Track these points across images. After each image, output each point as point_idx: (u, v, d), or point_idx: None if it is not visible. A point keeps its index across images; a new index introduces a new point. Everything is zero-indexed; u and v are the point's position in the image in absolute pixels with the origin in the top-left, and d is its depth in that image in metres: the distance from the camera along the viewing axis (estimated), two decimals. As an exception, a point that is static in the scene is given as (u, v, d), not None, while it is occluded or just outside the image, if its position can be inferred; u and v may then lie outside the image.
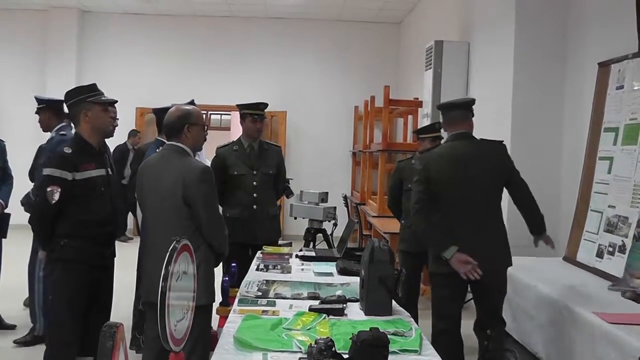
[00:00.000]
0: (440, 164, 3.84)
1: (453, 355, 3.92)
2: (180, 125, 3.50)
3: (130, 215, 4.81)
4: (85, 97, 3.75)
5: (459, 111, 3.96)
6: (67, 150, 3.68)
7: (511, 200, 4.04)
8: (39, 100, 5.55)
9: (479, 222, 3.80)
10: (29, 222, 3.76)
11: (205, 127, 3.66)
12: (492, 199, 3.90)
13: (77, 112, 3.75)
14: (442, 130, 5.25)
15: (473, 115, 4.00)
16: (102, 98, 3.81)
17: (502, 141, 3.99)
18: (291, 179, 6.40)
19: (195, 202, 3.37)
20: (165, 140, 4.37)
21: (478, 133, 4.19)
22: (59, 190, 3.59)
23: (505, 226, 3.97)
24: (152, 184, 3.49)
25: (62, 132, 5.37)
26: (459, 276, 3.73)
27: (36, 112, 5.49)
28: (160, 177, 3.44)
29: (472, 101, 4.02)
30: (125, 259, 4.57)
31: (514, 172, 3.93)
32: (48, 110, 5.44)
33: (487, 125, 4.66)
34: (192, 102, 4.85)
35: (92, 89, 3.81)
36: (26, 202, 5.29)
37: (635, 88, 4.37)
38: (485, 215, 3.85)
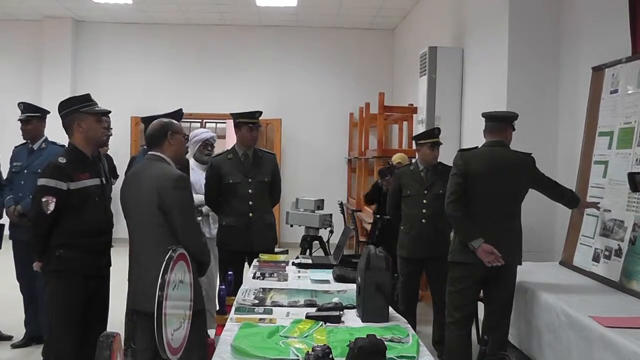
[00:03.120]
0: (478, 163, 4.23)
1: (462, 350, 4.33)
2: (162, 134, 3.54)
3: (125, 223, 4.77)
4: (79, 107, 3.75)
5: (497, 123, 4.35)
6: (62, 160, 3.68)
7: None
8: (35, 108, 5.47)
9: (500, 220, 4.18)
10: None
11: (186, 136, 3.70)
12: (514, 202, 4.28)
13: (70, 122, 3.75)
14: (440, 137, 5.28)
15: (514, 129, 4.38)
16: (96, 108, 3.81)
17: (531, 154, 4.31)
18: None
19: (171, 209, 3.37)
20: None
21: (474, 137, 4.26)
22: (54, 200, 3.59)
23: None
24: (133, 193, 3.53)
25: (61, 144, 5.38)
26: (478, 268, 4.11)
27: (27, 120, 5.40)
28: (140, 186, 3.48)
29: (512, 116, 4.40)
30: (121, 268, 4.56)
31: (541, 181, 4.34)
32: (42, 119, 5.43)
33: (481, 129, 4.67)
34: (179, 111, 4.84)
35: (86, 99, 3.81)
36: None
37: (630, 92, 4.38)
38: (506, 215, 4.23)
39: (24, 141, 5.52)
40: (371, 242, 5.87)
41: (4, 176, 5.57)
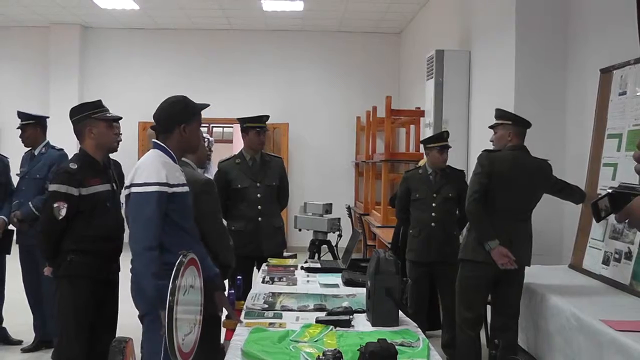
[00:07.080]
0: (502, 164, 4.32)
1: (473, 353, 4.40)
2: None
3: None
4: (91, 113, 3.78)
5: (521, 128, 4.45)
6: (73, 166, 3.70)
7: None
8: (28, 116, 5.51)
9: (515, 222, 4.29)
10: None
11: (205, 139, 3.69)
12: (530, 205, 4.40)
13: (82, 128, 3.78)
14: (448, 140, 5.26)
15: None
16: (107, 115, 3.84)
17: (548, 160, 4.43)
18: None
19: (197, 214, 3.37)
20: None
21: (481, 140, 4.25)
22: (66, 206, 3.61)
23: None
24: None
25: (59, 147, 5.42)
26: (489, 267, 4.19)
27: (21, 128, 5.46)
28: None
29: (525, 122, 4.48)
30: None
31: (555, 185, 4.46)
32: (38, 126, 5.47)
33: (489, 132, 4.66)
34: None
35: (97, 105, 3.84)
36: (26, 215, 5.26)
37: (638, 93, 4.36)
38: (521, 217, 4.34)
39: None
40: (394, 245, 5.84)
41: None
